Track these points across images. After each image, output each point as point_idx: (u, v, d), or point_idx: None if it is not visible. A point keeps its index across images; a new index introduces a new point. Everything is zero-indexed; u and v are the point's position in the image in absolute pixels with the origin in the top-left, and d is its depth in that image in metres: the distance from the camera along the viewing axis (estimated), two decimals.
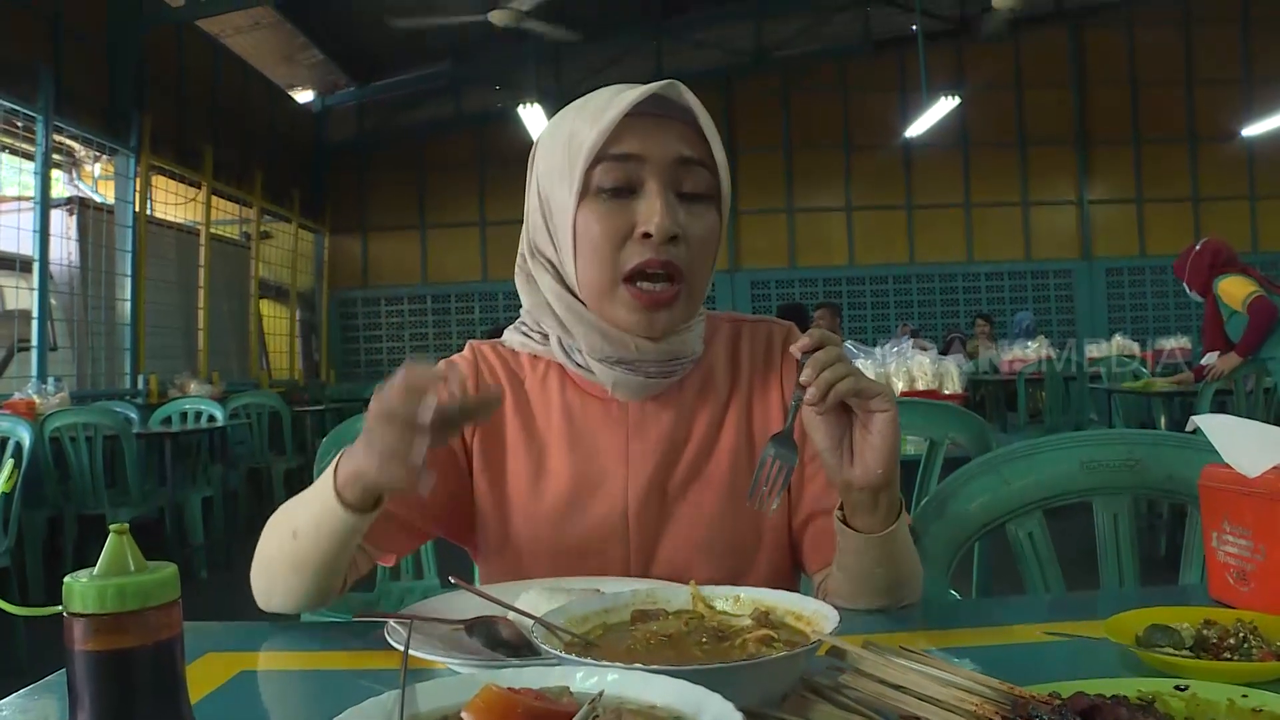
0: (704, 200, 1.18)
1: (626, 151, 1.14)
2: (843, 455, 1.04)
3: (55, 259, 7.54)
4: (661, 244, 1.13)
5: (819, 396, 1.00)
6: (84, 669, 0.63)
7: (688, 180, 1.17)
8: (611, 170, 1.14)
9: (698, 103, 1.18)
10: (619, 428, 1.24)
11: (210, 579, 5.67)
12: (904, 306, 13.56)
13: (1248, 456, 1.04)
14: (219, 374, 9.36)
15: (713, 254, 1.21)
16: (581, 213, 1.16)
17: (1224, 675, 0.82)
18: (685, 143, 1.16)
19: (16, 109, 7.02)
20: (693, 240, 1.16)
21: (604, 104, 1.15)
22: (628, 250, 1.15)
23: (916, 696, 0.74)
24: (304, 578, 1.09)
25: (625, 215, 1.15)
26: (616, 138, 1.13)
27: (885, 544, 1.06)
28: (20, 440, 4.31)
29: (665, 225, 1.13)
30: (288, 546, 1.08)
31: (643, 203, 1.14)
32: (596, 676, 0.68)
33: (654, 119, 1.15)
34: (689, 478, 1.24)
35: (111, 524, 0.66)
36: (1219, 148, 13.26)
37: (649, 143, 1.14)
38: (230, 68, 10.82)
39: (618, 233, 1.15)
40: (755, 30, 12.70)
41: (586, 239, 1.16)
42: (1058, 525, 1.40)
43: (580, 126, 1.15)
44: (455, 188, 13.39)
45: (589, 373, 1.23)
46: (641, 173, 1.14)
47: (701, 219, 1.18)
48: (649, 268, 1.14)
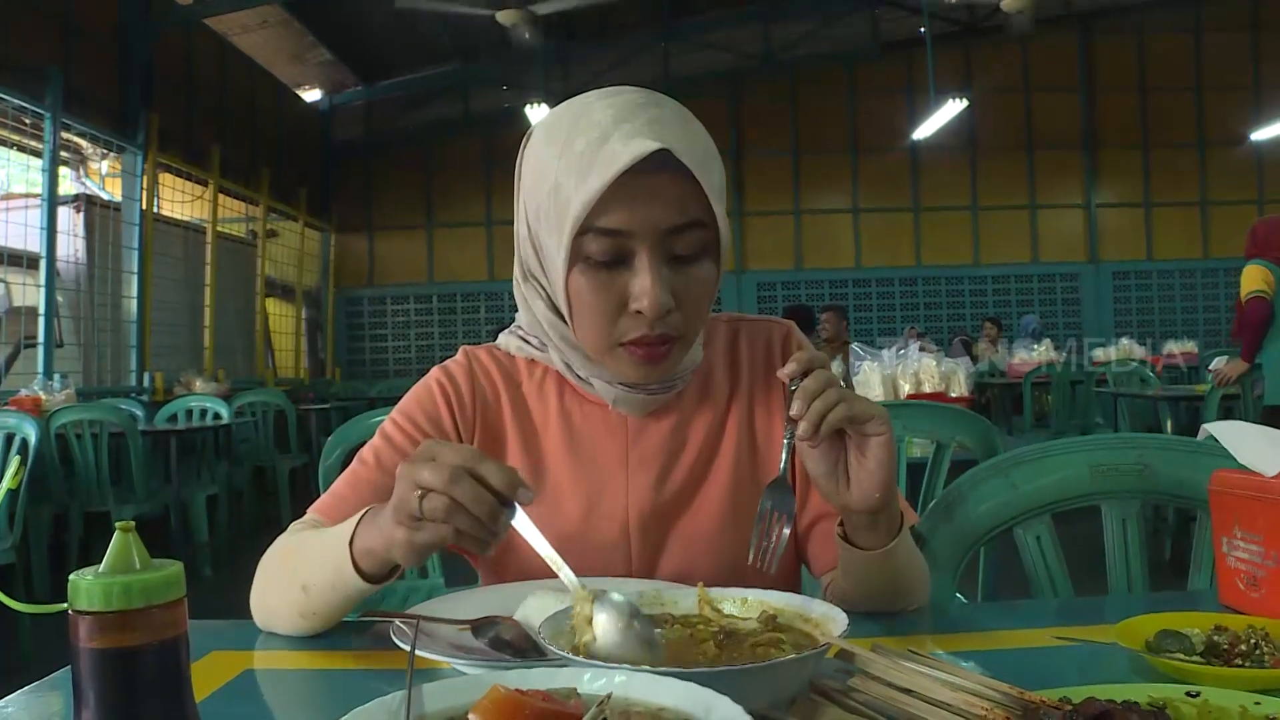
0: (700, 258, 1.12)
1: (614, 227, 1.06)
2: (838, 480, 1.01)
3: (62, 256, 7.56)
4: (655, 320, 1.09)
5: (811, 431, 0.97)
6: (89, 667, 0.63)
7: (681, 245, 1.10)
8: (599, 242, 1.07)
9: (696, 148, 1.08)
10: (618, 434, 1.24)
11: (215, 577, 5.68)
12: (910, 309, 13.54)
13: (1264, 458, 1.03)
14: (225, 372, 9.38)
15: (711, 299, 1.17)
16: (573, 279, 1.11)
17: (1236, 682, 0.81)
18: (678, 207, 1.07)
19: (25, 106, 7.04)
20: (688, 302, 1.12)
21: (589, 158, 1.05)
22: (623, 323, 1.11)
23: (925, 700, 0.74)
24: (313, 623, 1.08)
25: (618, 286, 1.10)
26: (603, 205, 1.05)
27: (887, 559, 1.05)
28: (26, 437, 4.31)
29: (657, 304, 1.08)
30: (298, 598, 1.06)
31: (634, 277, 1.09)
32: (604, 678, 0.67)
33: (645, 178, 1.04)
34: (690, 483, 1.23)
35: (117, 521, 0.66)
36: (1227, 152, 13.24)
37: (637, 214, 1.06)
38: (238, 66, 10.84)
39: (611, 304, 1.10)
40: (763, 32, 12.69)
41: (581, 306, 1.12)
42: (1065, 529, 1.39)
43: (565, 180, 1.07)
44: (462, 187, 13.39)
45: (589, 384, 1.22)
46: (631, 245, 1.07)
47: (697, 278, 1.12)
48: (644, 342, 1.12)
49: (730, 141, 12.78)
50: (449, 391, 1.27)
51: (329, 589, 1.03)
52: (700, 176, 1.06)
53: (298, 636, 1.09)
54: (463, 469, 0.85)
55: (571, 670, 0.69)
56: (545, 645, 0.77)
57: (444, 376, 1.29)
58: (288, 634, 1.10)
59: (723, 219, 1.11)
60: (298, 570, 1.06)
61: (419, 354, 13.44)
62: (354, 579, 0.99)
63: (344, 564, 0.99)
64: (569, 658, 0.73)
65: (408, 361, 13.41)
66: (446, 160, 13.41)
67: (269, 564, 1.13)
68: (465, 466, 0.85)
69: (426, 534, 0.88)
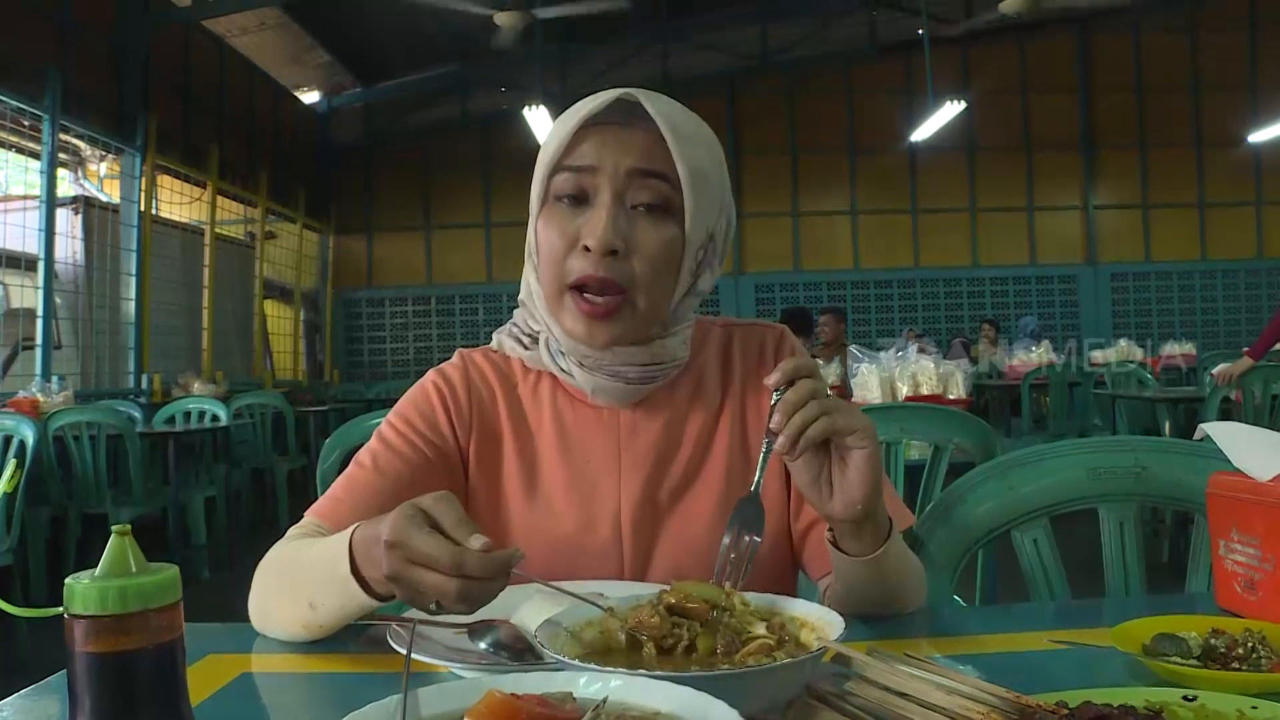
0: (659, 211, 1.15)
1: (580, 163, 1.14)
2: (822, 489, 1.01)
3: (60, 258, 7.56)
4: (601, 257, 1.12)
5: (788, 446, 0.97)
6: (84, 671, 0.63)
7: (643, 193, 1.14)
8: (568, 180, 1.15)
9: (666, 111, 1.14)
10: (610, 435, 1.24)
11: (213, 579, 5.67)
12: (909, 311, 13.55)
13: (1258, 461, 1.03)
14: (223, 374, 9.37)
15: (670, 267, 1.17)
16: (541, 219, 1.18)
17: (1233, 685, 0.81)
18: (643, 154, 1.14)
19: (23, 108, 7.04)
20: (641, 253, 1.14)
21: (576, 111, 1.16)
22: (572, 261, 1.14)
23: (921, 704, 0.73)
24: (317, 634, 1.07)
25: (575, 224, 1.15)
26: (575, 145, 1.14)
27: (875, 565, 1.05)
28: (24, 439, 4.31)
29: (604, 240, 1.11)
30: (303, 613, 1.04)
31: (590, 214, 1.14)
32: (600, 682, 0.67)
33: (617, 128, 1.15)
34: (682, 484, 1.24)
35: (114, 524, 0.66)
36: (1225, 153, 13.25)
37: (603, 153, 1.14)
38: (236, 68, 10.83)
39: (566, 241, 1.15)
40: (761, 33, 12.69)
41: (541, 245, 1.17)
42: (1063, 532, 1.39)
43: (553, 134, 1.17)
44: (460, 189, 13.40)
45: (571, 376, 1.23)
46: (595, 182, 1.14)
47: (655, 233, 1.14)
48: (588, 282, 1.13)
49: (728, 143, 12.75)
50: (445, 395, 1.28)
51: (337, 609, 1.01)
52: (668, 136, 1.12)
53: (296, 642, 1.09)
54: (459, 565, 0.83)
55: (568, 674, 0.69)
56: (542, 649, 0.77)
57: (440, 380, 1.29)
58: (288, 641, 1.10)
59: (690, 180, 1.14)
60: (300, 586, 1.05)
61: (417, 356, 13.43)
62: (365, 600, 0.97)
63: (352, 589, 0.97)
64: (565, 661, 0.73)
65: (406, 363, 13.41)
66: (445, 162, 13.41)
67: (269, 575, 1.12)
68: (457, 563, 0.83)
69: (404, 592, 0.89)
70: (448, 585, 0.83)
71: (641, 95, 1.14)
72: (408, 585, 0.86)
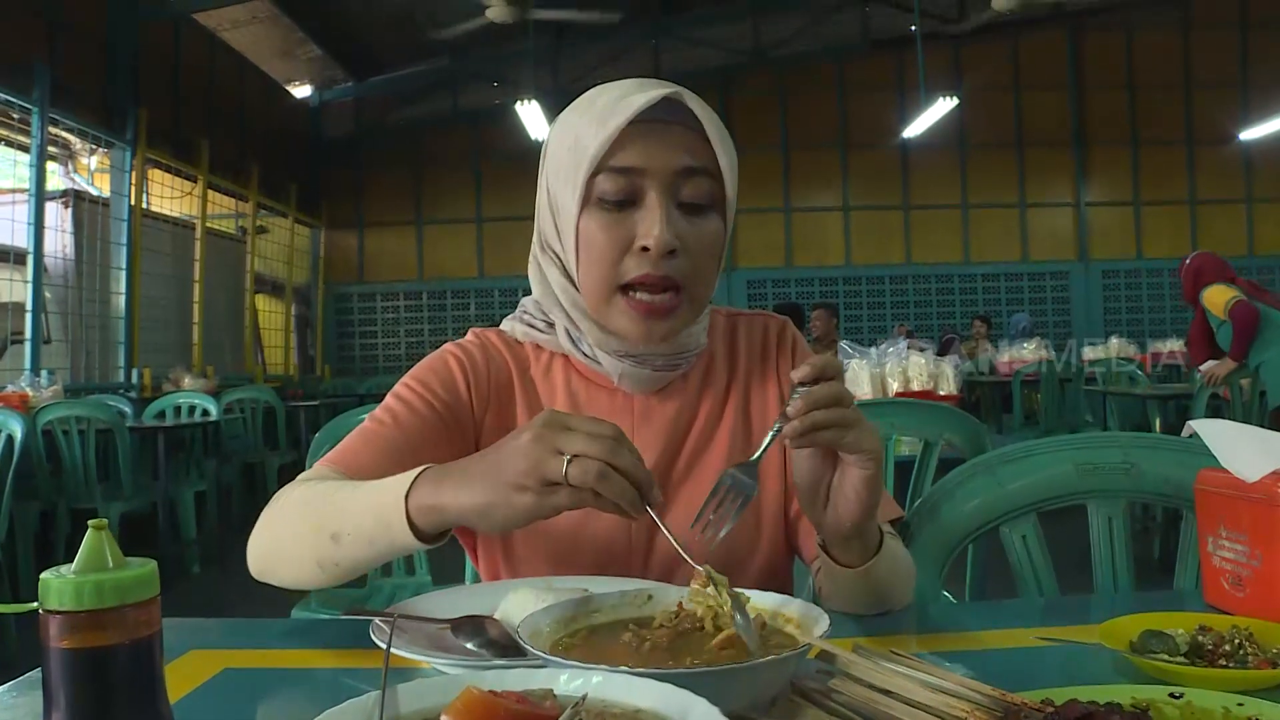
0: (706, 209, 1.17)
1: (628, 165, 1.13)
2: (819, 496, 1.01)
3: (50, 252, 7.52)
4: (660, 258, 1.13)
5: (797, 434, 0.95)
6: (60, 667, 0.62)
7: (690, 190, 1.15)
8: (613, 181, 1.13)
9: (705, 108, 1.16)
10: (624, 418, 1.25)
11: (203, 574, 5.66)
12: (900, 307, 13.57)
13: (1245, 461, 1.03)
14: (213, 368, 9.35)
15: (716, 259, 1.20)
16: (584, 220, 1.15)
17: (1219, 683, 0.81)
18: (688, 151, 1.14)
19: (12, 101, 7.00)
20: (693, 250, 1.15)
21: (609, 109, 1.13)
22: (627, 262, 1.14)
23: (906, 702, 0.73)
24: (330, 575, 1.05)
25: (626, 226, 1.14)
26: (619, 147, 1.12)
27: (863, 576, 1.05)
28: (12, 433, 4.29)
29: (663, 240, 1.12)
30: (323, 546, 1.03)
31: (643, 215, 1.13)
32: (581, 679, 0.67)
33: (659, 125, 1.13)
34: (690, 467, 1.25)
35: (101, 518, 0.65)
36: (1216, 151, 13.28)
37: (650, 154, 1.13)
38: (227, 62, 10.79)
39: (618, 244, 1.14)
40: (753, 29, 12.69)
41: (588, 247, 1.16)
42: (1052, 528, 1.39)
43: (585, 130, 1.14)
44: (452, 184, 13.37)
45: (596, 363, 1.24)
46: (643, 184, 1.13)
47: (703, 228, 1.16)
48: (647, 281, 1.14)
49: None
50: (466, 365, 1.27)
51: (365, 542, 1.00)
52: (711, 132, 1.14)
53: (283, 623, 1.08)
54: (619, 442, 0.87)
55: (549, 671, 0.69)
56: (525, 644, 0.77)
57: (460, 352, 1.29)
58: (292, 584, 1.09)
59: (730, 173, 1.17)
60: (326, 519, 1.03)
61: (408, 351, 13.41)
62: (404, 534, 0.96)
63: (394, 519, 0.96)
64: (547, 658, 0.73)
65: (397, 359, 13.39)
66: (437, 157, 13.38)
67: (285, 509, 1.10)
68: (619, 439, 0.87)
69: (562, 498, 0.88)
70: (592, 460, 0.85)
71: (686, 98, 1.14)
72: (550, 444, 0.87)
